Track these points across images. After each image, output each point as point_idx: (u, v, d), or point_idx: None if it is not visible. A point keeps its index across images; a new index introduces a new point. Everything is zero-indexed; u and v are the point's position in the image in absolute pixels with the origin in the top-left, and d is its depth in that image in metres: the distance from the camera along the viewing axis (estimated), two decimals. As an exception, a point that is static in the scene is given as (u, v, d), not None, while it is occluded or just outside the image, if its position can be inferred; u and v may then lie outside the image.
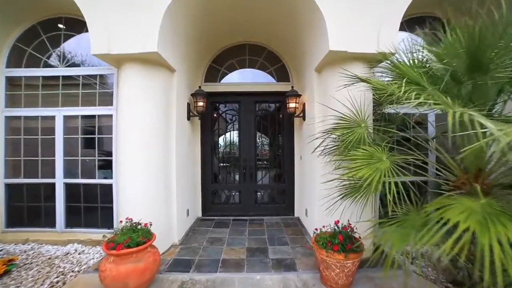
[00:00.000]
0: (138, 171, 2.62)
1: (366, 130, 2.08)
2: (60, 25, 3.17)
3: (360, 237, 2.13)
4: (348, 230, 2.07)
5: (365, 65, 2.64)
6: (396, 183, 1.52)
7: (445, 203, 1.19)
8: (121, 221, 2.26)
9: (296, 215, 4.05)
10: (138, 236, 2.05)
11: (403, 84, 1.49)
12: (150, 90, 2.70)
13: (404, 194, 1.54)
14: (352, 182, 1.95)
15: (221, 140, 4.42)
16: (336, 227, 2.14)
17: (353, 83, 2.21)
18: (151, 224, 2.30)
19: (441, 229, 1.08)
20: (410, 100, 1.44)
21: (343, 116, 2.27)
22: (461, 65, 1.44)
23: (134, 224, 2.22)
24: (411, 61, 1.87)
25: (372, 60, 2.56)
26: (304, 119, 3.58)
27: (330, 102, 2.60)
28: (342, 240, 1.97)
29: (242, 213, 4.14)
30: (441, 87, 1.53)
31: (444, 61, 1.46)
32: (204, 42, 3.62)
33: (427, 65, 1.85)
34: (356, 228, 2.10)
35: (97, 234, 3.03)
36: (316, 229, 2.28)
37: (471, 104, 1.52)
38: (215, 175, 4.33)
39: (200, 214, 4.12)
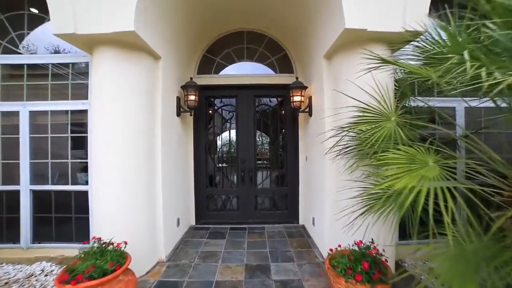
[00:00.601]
0: (113, 176, 2.17)
1: (397, 124, 1.63)
2: (32, 9, 2.69)
3: (387, 260, 1.69)
4: (374, 254, 1.62)
5: (386, 47, 2.21)
6: (453, 196, 1.08)
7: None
8: (85, 242, 1.81)
9: (301, 222, 3.61)
10: (105, 262, 1.60)
11: (468, 58, 1.04)
12: (128, 80, 2.24)
13: (469, 214, 1.09)
14: (380, 192, 1.50)
15: (217, 139, 3.97)
16: (357, 249, 1.69)
17: (378, 67, 1.75)
18: (125, 244, 1.85)
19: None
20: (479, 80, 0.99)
21: (366, 108, 1.81)
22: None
23: (104, 245, 1.77)
24: (461, 33, 1.42)
25: (395, 41, 2.12)
26: (310, 114, 3.13)
27: (345, 92, 2.16)
28: (367, 268, 1.52)
29: (241, 221, 3.69)
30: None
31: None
32: (196, 26, 3.15)
33: (481, 38, 1.40)
34: (384, 251, 1.65)
35: (71, 249, 2.57)
36: (331, 250, 1.83)
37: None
38: (211, 178, 3.88)
39: (193, 222, 3.67)
